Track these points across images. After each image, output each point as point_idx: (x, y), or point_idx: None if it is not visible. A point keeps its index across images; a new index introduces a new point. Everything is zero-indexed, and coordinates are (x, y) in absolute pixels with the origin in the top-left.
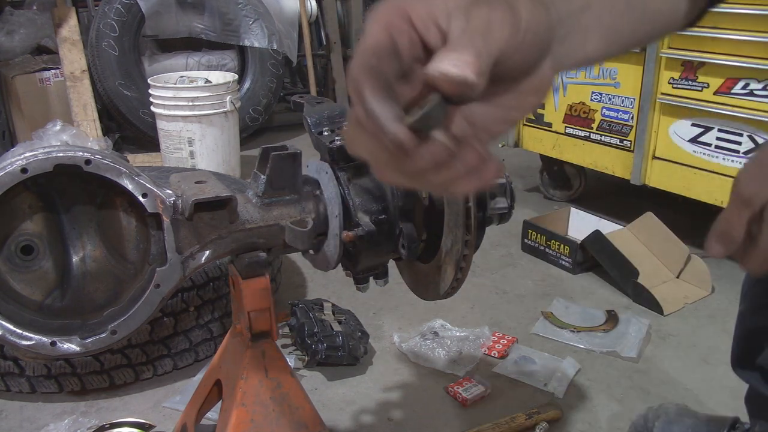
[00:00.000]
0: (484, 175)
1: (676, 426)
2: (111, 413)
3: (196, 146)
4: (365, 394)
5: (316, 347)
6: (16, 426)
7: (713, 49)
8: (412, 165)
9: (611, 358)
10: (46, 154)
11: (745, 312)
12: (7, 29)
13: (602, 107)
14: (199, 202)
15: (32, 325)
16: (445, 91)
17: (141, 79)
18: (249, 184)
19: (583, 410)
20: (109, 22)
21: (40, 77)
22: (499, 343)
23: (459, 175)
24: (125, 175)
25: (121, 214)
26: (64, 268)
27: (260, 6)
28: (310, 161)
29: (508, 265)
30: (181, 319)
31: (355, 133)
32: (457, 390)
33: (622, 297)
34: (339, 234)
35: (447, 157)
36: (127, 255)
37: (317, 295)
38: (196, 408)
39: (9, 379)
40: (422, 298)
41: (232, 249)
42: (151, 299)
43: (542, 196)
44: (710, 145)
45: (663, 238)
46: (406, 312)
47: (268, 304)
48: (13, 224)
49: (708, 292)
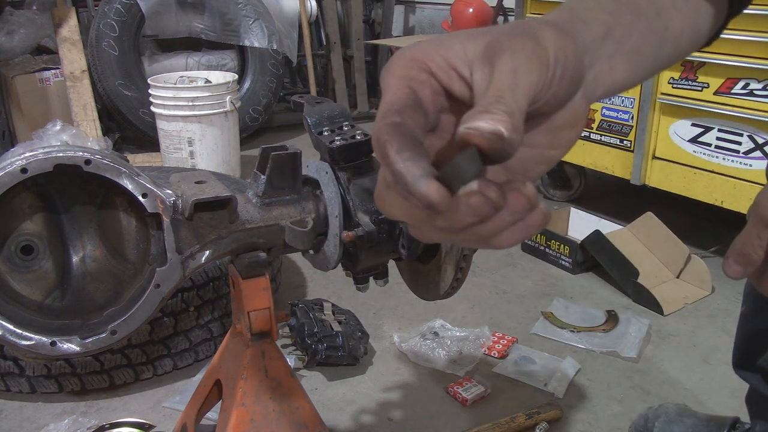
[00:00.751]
0: (532, 223)
1: (676, 426)
2: (111, 413)
3: (196, 146)
4: (365, 394)
5: (316, 347)
6: (16, 426)
7: (713, 49)
8: (451, 221)
9: (611, 358)
10: (46, 154)
11: (747, 313)
12: (7, 29)
13: (602, 107)
14: (199, 202)
15: (32, 325)
16: (480, 148)
17: (141, 79)
18: (249, 184)
19: (583, 410)
20: (109, 22)
21: (40, 77)
22: (499, 343)
23: (504, 225)
24: (125, 175)
25: (121, 214)
26: (64, 268)
27: (260, 6)
28: (310, 161)
29: (508, 265)
30: (181, 319)
31: (385, 195)
32: (457, 390)
33: (622, 297)
34: (339, 234)
35: (488, 209)
36: (127, 255)
37: (317, 295)
38: (196, 408)
39: (9, 379)
40: (422, 298)
41: (232, 249)
42: (151, 299)
43: (542, 196)
44: (710, 145)
45: (663, 238)
46: (406, 312)
47: (268, 304)
48: (13, 224)
49: (708, 292)
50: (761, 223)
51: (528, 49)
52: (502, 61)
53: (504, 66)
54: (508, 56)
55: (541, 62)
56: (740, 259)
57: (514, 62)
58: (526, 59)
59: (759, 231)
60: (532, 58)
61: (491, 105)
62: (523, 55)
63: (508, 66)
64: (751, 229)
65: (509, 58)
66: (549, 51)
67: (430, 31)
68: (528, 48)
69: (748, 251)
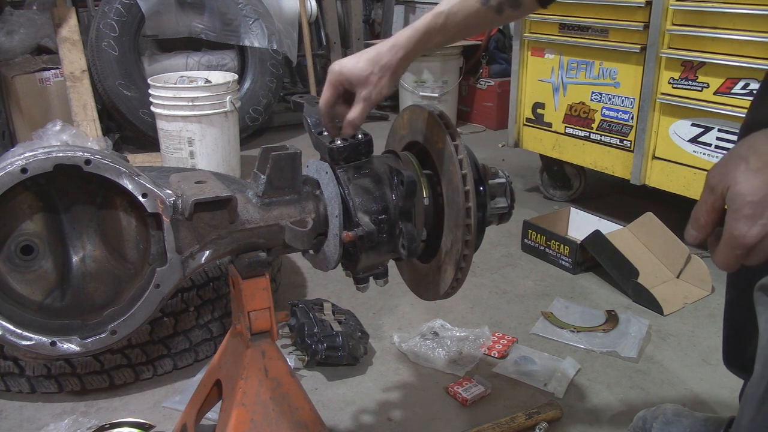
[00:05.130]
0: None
1: (673, 427)
2: (111, 413)
3: (196, 146)
4: (365, 394)
5: (316, 347)
6: (16, 426)
7: (713, 49)
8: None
9: (611, 358)
10: (46, 154)
11: (732, 300)
12: (7, 29)
13: (602, 107)
14: (199, 202)
15: (32, 325)
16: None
17: (141, 79)
18: (249, 184)
19: (583, 410)
20: (109, 22)
21: (40, 77)
22: (499, 343)
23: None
24: (125, 175)
25: (121, 214)
26: (64, 268)
27: (260, 6)
28: (310, 161)
29: (508, 265)
30: (181, 319)
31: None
32: (457, 390)
33: (622, 297)
34: (339, 234)
35: None
36: (127, 255)
37: (317, 295)
38: (196, 408)
39: (9, 379)
40: (422, 298)
41: (232, 249)
42: (151, 299)
43: (542, 196)
44: (710, 145)
45: (663, 238)
46: (406, 312)
47: (268, 304)
48: (13, 224)
49: (708, 292)
50: (707, 188)
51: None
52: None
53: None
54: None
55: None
56: (693, 223)
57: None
58: (378, 92)
59: (706, 196)
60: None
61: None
62: (377, 90)
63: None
64: (701, 195)
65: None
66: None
67: None
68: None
69: (698, 215)
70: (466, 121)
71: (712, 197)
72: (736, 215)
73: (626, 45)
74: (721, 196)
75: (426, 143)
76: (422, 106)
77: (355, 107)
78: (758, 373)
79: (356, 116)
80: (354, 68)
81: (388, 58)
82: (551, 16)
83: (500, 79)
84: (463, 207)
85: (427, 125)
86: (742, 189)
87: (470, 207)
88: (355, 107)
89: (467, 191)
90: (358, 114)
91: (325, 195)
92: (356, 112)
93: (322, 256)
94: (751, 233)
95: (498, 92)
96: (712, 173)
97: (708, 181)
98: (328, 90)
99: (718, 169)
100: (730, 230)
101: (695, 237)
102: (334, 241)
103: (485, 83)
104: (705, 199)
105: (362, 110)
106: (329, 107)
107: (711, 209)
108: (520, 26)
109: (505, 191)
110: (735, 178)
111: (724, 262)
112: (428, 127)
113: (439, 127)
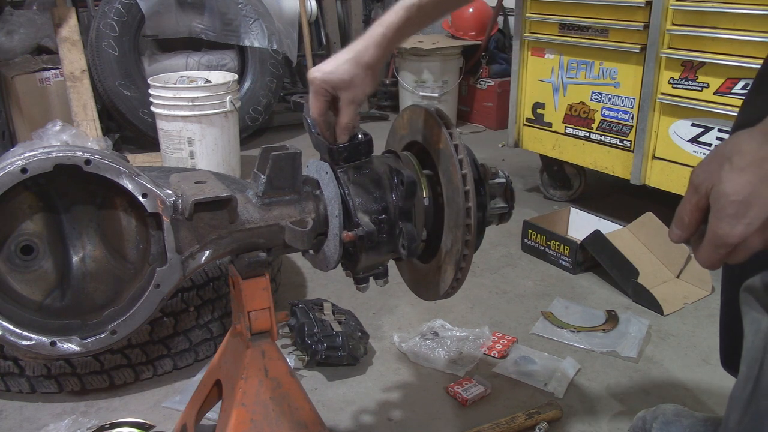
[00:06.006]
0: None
1: (673, 427)
2: (111, 413)
3: (196, 146)
4: (365, 394)
5: (316, 347)
6: (16, 426)
7: (713, 49)
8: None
9: (611, 358)
10: (46, 154)
11: (729, 301)
12: (7, 29)
13: (602, 107)
14: (199, 202)
15: (32, 325)
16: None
17: (141, 79)
18: (249, 184)
19: (583, 410)
20: (109, 22)
21: (40, 77)
22: (499, 343)
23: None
24: (125, 175)
25: (121, 214)
26: (64, 268)
27: (260, 6)
28: (310, 161)
29: (508, 265)
30: (181, 319)
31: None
32: (457, 390)
33: (622, 297)
34: (339, 234)
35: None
36: (127, 255)
37: (317, 295)
38: (196, 408)
39: (9, 379)
40: (422, 298)
41: (232, 249)
42: (151, 299)
43: (542, 196)
44: (710, 145)
45: (663, 238)
46: (406, 312)
47: (268, 304)
48: (13, 224)
49: (708, 292)
50: (691, 187)
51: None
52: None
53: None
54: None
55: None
56: (677, 222)
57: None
58: (362, 93)
59: (690, 195)
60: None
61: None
62: (361, 90)
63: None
64: (685, 194)
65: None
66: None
67: (430, 31)
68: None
69: (682, 214)
70: (466, 121)
71: (696, 196)
72: (719, 214)
73: (626, 45)
74: (705, 195)
75: (426, 143)
76: (422, 106)
77: (345, 111)
78: (743, 374)
79: (349, 120)
80: (335, 72)
81: (368, 57)
82: (551, 16)
83: (500, 79)
84: (463, 207)
85: (427, 125)
86: (725, 188)
87: (470, 207)
88: (344, 112)
89: (467, 191)
90: (350, 117)
91: (325, 195)
92: (348, 116)
93: (322, 256)
94: (734, 232)
95: (498, 92)
96: (696, 172)
97: (692, 180)
98: (316, 99)
99: (702, 168)
100: (714, 229)
101: (679, 236)
102: (334, 241)
103: (485, 83)
104: (689, 198)
105: (353, 113)
106: (322, 115)
107: (695, 208)
108: (520, 26)
109: (505, 191)
110: (719, 178)
111: (707, 260)
112: (428, 127)
113: (439, 127)
